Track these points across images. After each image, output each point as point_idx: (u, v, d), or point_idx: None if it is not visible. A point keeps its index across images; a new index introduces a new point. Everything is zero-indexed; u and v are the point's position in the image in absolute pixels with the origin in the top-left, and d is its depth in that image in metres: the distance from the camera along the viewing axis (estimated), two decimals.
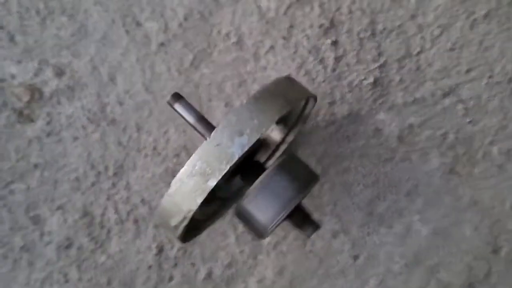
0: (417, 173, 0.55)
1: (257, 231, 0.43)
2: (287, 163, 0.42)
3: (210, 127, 0.42)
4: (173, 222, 0.38)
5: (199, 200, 0.35)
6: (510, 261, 0.55)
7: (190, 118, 0.42)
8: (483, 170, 0.55)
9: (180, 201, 0.36)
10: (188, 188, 0.35)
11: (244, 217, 0.43)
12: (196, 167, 0.35)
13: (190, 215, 0.36)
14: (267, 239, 0.56)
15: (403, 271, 0.55)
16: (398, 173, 0.55)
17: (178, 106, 0.43)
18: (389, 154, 0.55)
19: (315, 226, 0.44)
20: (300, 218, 0.44)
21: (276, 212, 0.40)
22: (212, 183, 0.35)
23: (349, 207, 0.55)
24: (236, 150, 0.34)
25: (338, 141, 0.55)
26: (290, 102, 0.37)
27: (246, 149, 0.34)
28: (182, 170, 0.35)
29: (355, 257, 0.56)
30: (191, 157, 0.35)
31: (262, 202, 0.40)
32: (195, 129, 0.42)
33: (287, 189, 0.40)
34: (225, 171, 0.34)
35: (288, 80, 0.40)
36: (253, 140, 0.35)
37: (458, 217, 0.55)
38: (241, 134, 0.35)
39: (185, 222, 0.37)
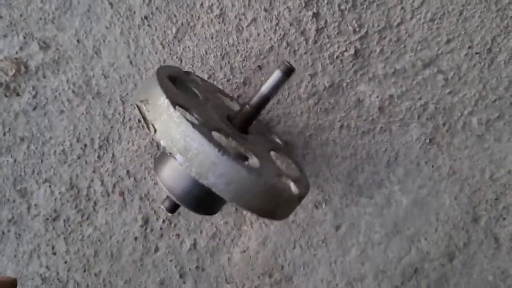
0: (396, 144, 0.56)
1: None
2: None
3: None
4: None
5: None
6: (490, 230, 0.56)
7: None
8: (463, 140, 0.55)
9: None
10: None
11: None
12: None
13: None
14: None
15: (384, 240, 0.56)
16: (376, 145, 0.56)
17: None
18: (368, 125, 0.56)
19: None
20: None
21: None
22: None
23: (329, 179, 0.56)
24: None
25: (319, 113, 0.56)
26: None
27: None
28: None
29: (337, 227, 0.57)
30: None
31: None
32: None
33: None
34: None
35: None
36: None
37: (437, 187, 0.56)
38: None
39: None
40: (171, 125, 0.35)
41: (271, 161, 0.43)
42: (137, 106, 0.39)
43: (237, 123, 0.44)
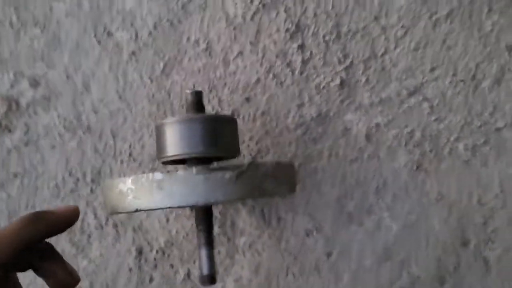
0: (384, 171, 0.56)
1: None
2: None
3: None
4: None
5: None
6: (479, 253, 0.57)
7: None
8: (450, 165, 0.56)
9: None
10: None
11: None
12: None
13: None
14: (242, 239, 0.58)
15: (375, 266, 0.57)
16: (365, 172, 0.56)
17: None
18: (356, 153, 0.56)
19: None
20: None
21: None
22: None
23: (320, 206, 0.57)
24: None
25: (307, 142, 0.56)
26: None
27: None
28: None
29: (328, 254, 0.58)
30: None
31: None
32: None
33: None
34: None
35: None
36: None
37: (426, 212, 0.56)
38: None
39: None
40: None
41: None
42: None
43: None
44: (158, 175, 0.36)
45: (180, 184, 0.36)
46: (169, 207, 0.37)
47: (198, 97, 0.46)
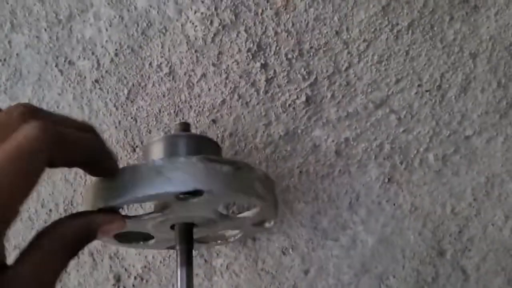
0: (356, 185, 0.56)
1: None
2: None
3: None
4: None
5: None
6: (457, 262, 0.56)
7: None
8: (421, 176, 0.56)
9: None
10: None
11: None
12: None
13: None
14: (219, 261, 0.58)
15: (353, 281, 0.57)
16: (337, 187, 0.56)
17: None
18: (327, 169, 0.56)
19: None
20: None
21: None
22: None
23: (294, 224, 0.56)
24: None
25: (277, 161, 0.56)
26: None
27: None
28: None
29: (306, 272, 0.57)
30: None
31: None
32: None
33: None
34: None
35: None
36: None
37: (400, 224, 0.56)
38: None
39: None
40: None
41: None
42: None
43: None
44: (158, 162, 0.35)
45: (180, 170, 0.35)
46: (168, 192, 0.35)
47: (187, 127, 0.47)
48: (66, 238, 0.29)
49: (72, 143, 0.28)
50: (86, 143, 0.30)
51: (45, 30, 0.56)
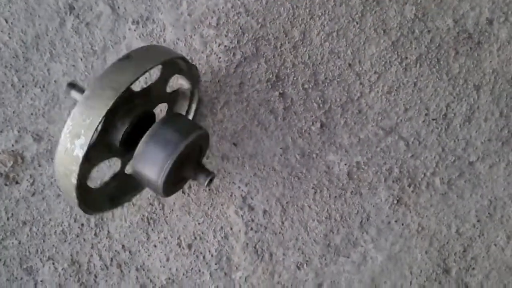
0: (367, 206, 0.60)
1: (154, 187, 0.47)
2: (171, 118, 0.46)
3: None
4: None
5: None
6: (461, 280, 0.60)
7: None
8: (428, 199, 0.60)
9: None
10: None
11: (139, 176, 0.47)
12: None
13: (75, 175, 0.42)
14: (238, 274, 0.62)
15: None
16: (349, 208, 0.60)
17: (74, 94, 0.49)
18: (340, 190, 0.60)
19: (209, 173, 0.48)
20: (193, 168, 0.47)
21: (162, 161, 0.43)
22: (74, 180, 0.42)
23: (308, 241, 0.61)
24: (79, 151, 0.40)
25: (293, 182, 0.60)
26: (119, 89, 0.40)
27: (86, 148, 0.40)
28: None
29: (319, 285, 0.61)
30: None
31: (148, 155, 0.44)
32: None
33: (171, 139, 0.44)
34: (77, 173, 0.41)
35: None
36: (89, 138, 0.40)
37: (408, 243, 0.60)
38: (78, 136, 0.40)
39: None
40: None
41: None
42: None
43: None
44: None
45: None
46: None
47: None
48: None
49: None
50: None
51: (81, 59, 0.61)
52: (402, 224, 0.60)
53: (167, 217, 0.62)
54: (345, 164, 0.60)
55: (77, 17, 0.59)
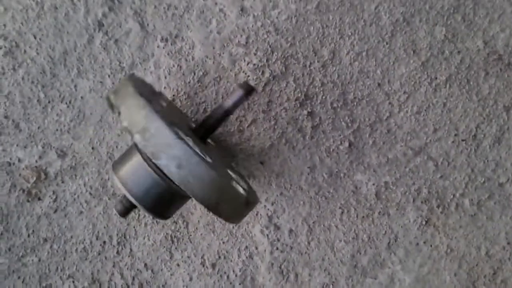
0: (395, 226, 0.59)
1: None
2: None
3: None
4: None
5: None
6: None
7: None
8: (457, 220, 0.59)
9: None
10: None
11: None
12: None
13: None
14: None
15: None
16: (376, 228, 0.59)
17: None
18: (367, 210, 0.59)
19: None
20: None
21: None
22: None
23: (335, 262, 0.60)
24: None
25: (320, 202, 0.60)
26: None
27: None
28: None
29: None
30: None
31: None
32: None
33: None
34: None
35: None
36: None
37: (437, 265, 0.59)
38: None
39: None
40: (134, 108, 0.38)
41: (223, 165, 0.46)
42: (107, 96, 0.43)
43: (197, 132, 0.48)
44: None
45: None
46: None
47: None
48: None
49: None
50: None
51: (109, 76, 0.60)
52: (431, 246, 0.59)
53: (191, 235, 0.62)
54: (373, 184, 0.59)
55: (106, 33, 0.59)
